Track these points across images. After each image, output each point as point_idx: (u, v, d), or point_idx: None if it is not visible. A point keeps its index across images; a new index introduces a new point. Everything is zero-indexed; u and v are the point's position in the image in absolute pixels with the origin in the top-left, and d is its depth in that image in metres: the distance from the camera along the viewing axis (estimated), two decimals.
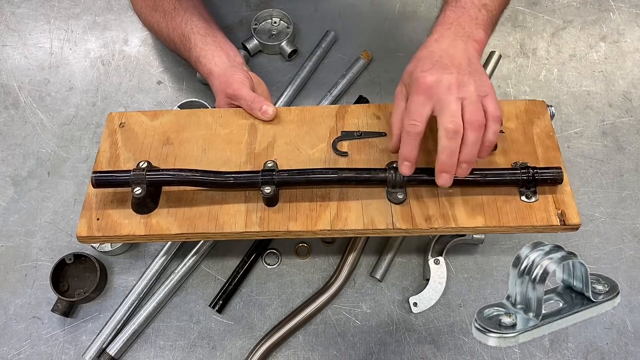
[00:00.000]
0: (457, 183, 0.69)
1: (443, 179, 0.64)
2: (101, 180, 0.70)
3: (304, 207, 0.71)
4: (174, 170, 0.70)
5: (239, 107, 0.81)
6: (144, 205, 0.70)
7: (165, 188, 0.73)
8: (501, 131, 0.74)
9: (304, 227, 0.69)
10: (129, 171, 0.69)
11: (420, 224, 0.69)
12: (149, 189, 0.69)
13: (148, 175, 0.69)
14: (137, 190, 0.68)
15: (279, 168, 0.72)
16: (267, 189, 0.68)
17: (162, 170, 0.70)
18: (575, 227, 0.69)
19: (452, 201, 0.70)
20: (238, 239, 0.70)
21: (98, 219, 0.71)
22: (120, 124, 0.80)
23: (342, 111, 0.80)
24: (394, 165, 0.69)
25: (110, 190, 0.73)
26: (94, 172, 0.70)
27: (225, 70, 0.84)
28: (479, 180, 0.69)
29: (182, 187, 0.72)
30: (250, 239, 0.70)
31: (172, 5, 0.91)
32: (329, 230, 0.69)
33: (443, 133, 0.62)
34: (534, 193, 0.70)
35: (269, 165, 0.72)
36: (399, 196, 0.70)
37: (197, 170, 0.70)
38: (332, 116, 0.79)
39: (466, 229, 0.69)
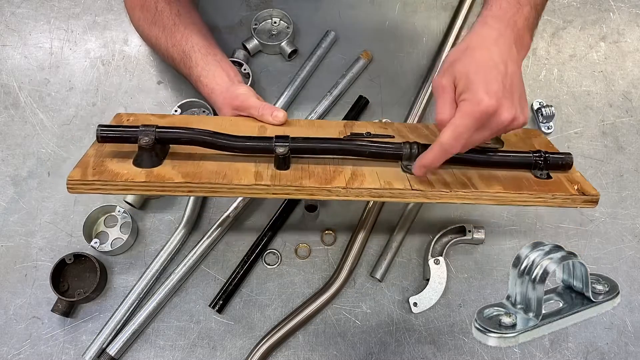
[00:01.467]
0: (472, 162, 0.69)
1: (421, 172, 0.66)
2: (107, 134, 0.67)
3: (317, 171, 0.68)
4: (184, 128, 0.68)
5: (248, 117, 0.82)
6: (148, 160, 0.67)
7: (171, 151, 0.70)
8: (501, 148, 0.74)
9: (319, 184, 0.66)
10: (137, 126, 0.67)
11: (440, 187, 0.66)
12: (157, 145, 0.67)
13: (158, 130, 0.66)
14: (145, 139, 0.65)
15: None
16: (281, 149, 0.66)
17: (173, 127, 0.68)
18: (594, 199, 0.68)
19: (469, 175, 0.69)
20: (247, 194, 0.66)
21: (94, 169, 0.67)
22: (128, 120, 0.79)
23: (350, 123, 0.80)
24: (409, 142, 0.69)
25: (111, 150, 0.69)
26: (100, 126, 0.67)
27: (228, 87, 0.85)
28: (493, 161, 0.69)
29: (189, 150, 0.69)
30: (260, 196, 0.66)
31: (171, 20, 0.90)
32: (344, 188, 0.65)
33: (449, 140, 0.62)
34: (547, 175, 0.70)
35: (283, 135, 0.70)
36: None
37: (208, 131, 0.68)
38: (340, 126, 0.80)
39: (486, 195, 0.66)
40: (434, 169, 0.66)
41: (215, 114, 0.92)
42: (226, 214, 0.90)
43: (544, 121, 0.98)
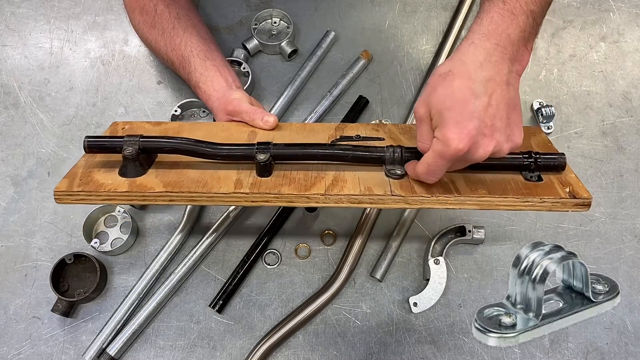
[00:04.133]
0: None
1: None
2: (93, 144, 0.69)
3: (299, 177, 0.68)
4: (168, 137, 0.70)
5: (241, 122, 0.82)
6: (133, 170, 0.69)
7: (157, 161, 0.72)
8: None
9: (297, 191, 0.66)
10: (123, 137, 0.69)
11: (421, 192, 0.65)
12: (141, 154, 0.68)
13: (142, 140, 0.68)
14: (129, 149, 0.67)
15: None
16: (262, 156, 0.67)
17: (157, 137, 0.70)
18: (586, 202, 0.64)
19: (453, 179, 0.67)
20: (226, 203, 0.67)
21: (81, 180, 0.69)
22: (123, 128, 0.81)
23: (342, 126, 0.80)
24: (393, 146, 0.69)
25: (100, 160, 0.72)
26: (87, 137, 0.69)
27: (224, 92, 0.85)
28: (481, 163, 0.66)
29: (174, 159, 0.71)
30: (238, 204, 0.67)
31: (171, 23, 0.90)
32: (323, 195, 0.65)
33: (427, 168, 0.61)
34: (539, 177, 0.67)
35: (266, 141, 0.71)
36: (398, 172, 0.67)
37: (191, 139, 0.69)
38: (332, 129, 0.79)
39: (470, 200, 0.65)
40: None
41: None
42: (226, 214, 0.90)
43: (544, 121, 0.98)
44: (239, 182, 0.67)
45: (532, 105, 1.01)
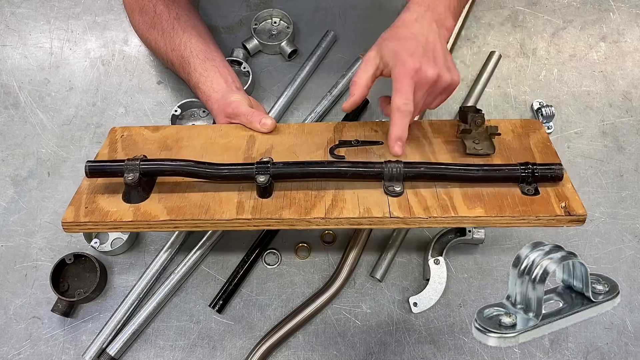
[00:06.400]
0: (455, 179, 0.69)
1: (399, 147, 0.69)
2: (95, 169, 0.70)
3: (299, 198, 0.69)
4: (168, 160, 0.70)
5: (240, 124, 0.82)
6: (136, 195, 0.70)
7: (158, 182, 0.72)
8: (498, 134, 0.74)
9: (298, 215, 0.67)
10: (123, 160, 0.69)
11: (419, 213, 0.66)
12: (142, 178, 0.69)
13: (142, 164, 0.69)
14: (130, 177, 0.68)
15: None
16: (262, 178, 0.68)
17: (157, 160, 0.70)
18: (581, 219, 0.66)
19: (451, 194, 0.69)
20: (229, 228, 0.69)
21: (86, 207, 0.70)
22: (122, 135, 0.81)
23: (340, 126, 0.80)
24: (392, 161, 0.69)
25: (103, 183, 0.72)
26: (89, 161, 0.70)
27: (224, 94, 0.85)
28: (477, 176, 0.68)
29: (175, 180, 0.72)
30: (241, 229, 0.69)
31: (170, 24, 0.90)
32: (323, 218, 0.67)
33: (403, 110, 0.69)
34: (535, 190, 0.68)
35: (265, 159, 0.72)
36: (396, 189, 0.68)
37: (191, 161, 0.70)
38: (330, 130, 0.79)
39: (466, 219, 0.67)
40: (405, 138, 0.69)
41: None
42: None
43: (544, 121, 0.98)
44: (240, 205, 0.69)
45: (532, 105, 1.01)
